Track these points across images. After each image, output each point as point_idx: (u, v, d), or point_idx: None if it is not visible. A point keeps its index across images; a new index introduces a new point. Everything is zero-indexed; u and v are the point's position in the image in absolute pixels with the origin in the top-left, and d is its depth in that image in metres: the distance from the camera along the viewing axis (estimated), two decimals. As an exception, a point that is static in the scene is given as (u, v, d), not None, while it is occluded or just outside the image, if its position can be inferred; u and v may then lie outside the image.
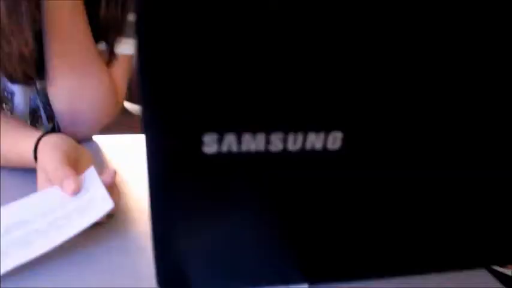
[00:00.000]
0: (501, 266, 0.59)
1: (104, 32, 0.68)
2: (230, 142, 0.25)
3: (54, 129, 0.80)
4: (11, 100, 0.72)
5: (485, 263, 0.39)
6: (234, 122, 0.25)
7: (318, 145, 0.27)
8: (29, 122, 0.76)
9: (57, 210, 0.42)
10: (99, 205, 0.41)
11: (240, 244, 0.32)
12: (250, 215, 0.30)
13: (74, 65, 0.64)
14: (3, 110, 0.71)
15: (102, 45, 0.70)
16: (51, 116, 0.77)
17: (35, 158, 0.50)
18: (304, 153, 0.27)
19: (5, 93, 0.71)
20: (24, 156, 0.55)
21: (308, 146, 0.26)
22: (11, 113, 0.73)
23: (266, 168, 0.27)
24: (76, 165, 0.47)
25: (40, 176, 0.47)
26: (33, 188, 0.47)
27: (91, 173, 0.45)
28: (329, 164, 0.27)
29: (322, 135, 0.26)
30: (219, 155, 0.26)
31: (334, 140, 0.26)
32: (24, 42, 0.57)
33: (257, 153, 0.26)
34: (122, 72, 0.73)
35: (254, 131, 0.25)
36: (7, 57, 0.57)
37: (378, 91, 0.25)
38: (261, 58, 0.24)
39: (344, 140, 0.27)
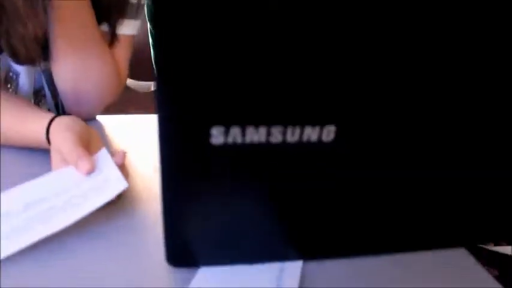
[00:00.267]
0: (484, 244, 0.63)
1: (106, 13, 0.70)
2: (235, 134, 0.28)
3: (58, 106, 0.82)
4: (16, 80, 0.74)
5: (464, 242, 0.43)
6: (239, 116, 0.28)
7: (314, 137, 0.30)
8: (32, 101, 0.79)
9: (72, 189, 0.45)
10: (114, 185, 0.44)
11: (243, 224, 0.35)
12: (252, 198, 0.33)
13: (78, 46, 0.66)
14: (8, 90, 0.74)
15: (105, 27, 0.72)
16: (54, 94, 0.80)
17: (47, 139, 0.53)
18: (301, 145, 0.30)
19: (10, 74, 0.73)
20: (29, 135, 0.57)
21: (305, 138, 0.30)
22: (16, 93, 0.75)
23: (267, 157, 0.30)
24: (87, 146, 0.50)
25: (55, 156, 0.50)
26: (40, 166, 0.50)
27: (103, 154, 0.48)
28: (323, 154, 0.30)
29: (317, 129, 0.29)
30: (225, 146, 0.29)
31: (328, 133, 0.30)
32: (39, 25, 0.59)
33: (259, 145, 0.29)
34: (124, 52, 0.75)
35: (257, 124, 0.28)
36: (21, 39, 0.58)
37: (367, 90, 0.28)
38: (264, 60, 0.27)
39: (337, 133, 0.30)
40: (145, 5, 0.85)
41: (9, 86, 0.74)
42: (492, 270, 0.67)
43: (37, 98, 0.79)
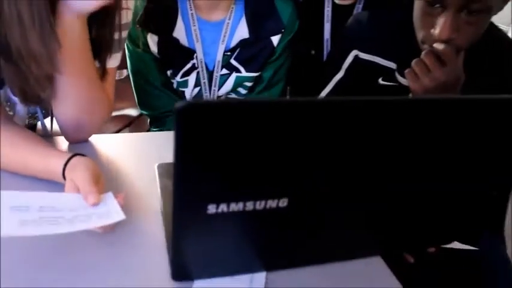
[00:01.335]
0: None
1: (97, 52, 0.82)
2: (223, 208, 0.46)
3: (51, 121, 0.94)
4: (14, 108, 0.86)
5: (381, 251, 0.63)
6: (225, 197, 0.45)
7: (273, 205, 0.47)
8: (27, 121, 0.91)
9: (80, 210, 0.59)
10: (114, 215, 0.59)
11: (225, 252, 0.53)
12: (232, 238, 0.51)
13: (81, 85, 0.78)
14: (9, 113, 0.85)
15: (95, 63, 0.84)
16: (46, 115, 0.92)
17: (63, 175, 0.66)
18: (265, 209, 0.47)
19: (9, 104, 0.85)
20: (46, 173, 0.69)
21: (268, 206, 0.47)
22: (13, 116, 0.87)
23: (243, 219, 0.47)
24: (97, 181, 0.65)
25: (69, 184, 0.63)
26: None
27: (109, 195, 0.63)
28: (280, 214, 0.48)
29: (276, 200, 0.47)
30: (216, 214, 0.46)
31: (283, 202, 0.47)
32: (54, 67, 0.70)
33: (238, 212, 0.46)
34: (111, 82, 0.87)
35: (237, 201, 0.46)
36: (35, 80, 0.70)
37: (304, 180, 0.46)
38: (238, 169, 0.43)
39: (289, 202, 0.47)
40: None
41: (8, 109, 0.85)
42: (408, 257, 0.87)
43: (31, 118, 0.91)
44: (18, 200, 0.58)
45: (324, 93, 1.02)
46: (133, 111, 1.57)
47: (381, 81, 0.95)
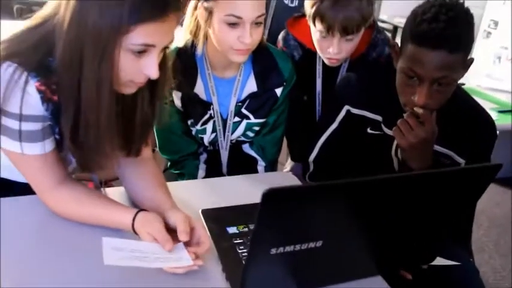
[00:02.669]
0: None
1: None
2: (281, 249, 0.69)
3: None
4: (69, 158, 1.05)
5: (379, 271, 0.87)
6: (283, 244, 0.68)
7: (312, 245, 0.71)
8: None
9: (159, 254, 0.82)
10: (185, 261, 0.82)
11: (277, 277, 0.76)
12: (284, 267, 0.74)
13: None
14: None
15: None
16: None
17: (133, 227, 0.87)
18: (308, 249, 0.71)
19: (67, 161, 1.04)
20: (115, 225, 0.90)
21: (309, 246, 0.71)
22: (68, 167, 1.06)
23: (293, 255, 0.70)
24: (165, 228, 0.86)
25: (146, 236, 0.84)
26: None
27: (180, 244, 0.85)
28: (316, 251, 0.72)
29: (314, 242, 0.70)
30: (275, 254, 0.69)
31: (319, 243, 0.71)
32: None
33: (290, 251, 0.70)
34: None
35: (290, 245, 0.69)
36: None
37: (335, 229, 0.70)
38: (294, 226, 0.66)
39: (323, 243, 0.71)
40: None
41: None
42: (406, 274, 1.08)
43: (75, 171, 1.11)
44: (116, 244, 0.80)
45: (321, 141, 1.27)
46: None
47: (369, 130, 1.20)
